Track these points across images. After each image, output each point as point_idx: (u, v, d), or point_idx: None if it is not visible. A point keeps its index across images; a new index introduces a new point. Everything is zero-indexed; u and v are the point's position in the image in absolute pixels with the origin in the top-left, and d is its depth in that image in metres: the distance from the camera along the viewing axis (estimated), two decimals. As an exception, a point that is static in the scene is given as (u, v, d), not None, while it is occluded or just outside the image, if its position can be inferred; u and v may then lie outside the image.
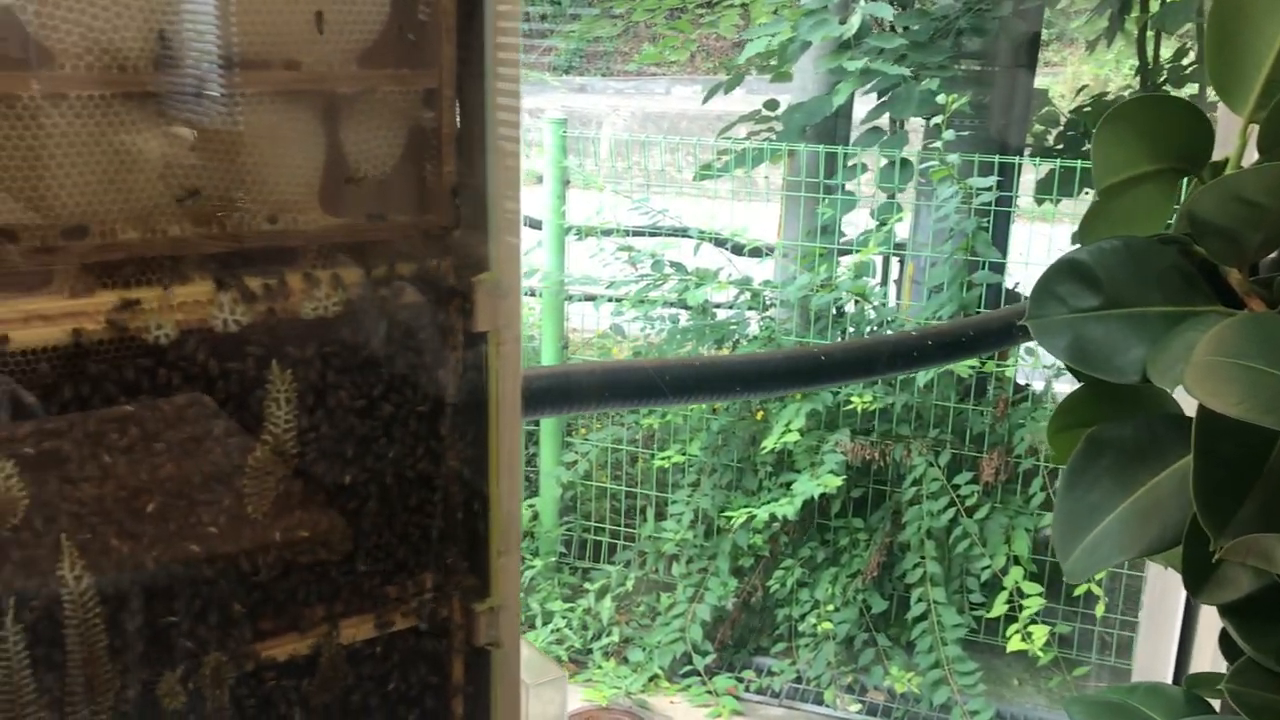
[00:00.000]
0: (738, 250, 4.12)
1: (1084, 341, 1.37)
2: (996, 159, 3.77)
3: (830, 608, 3.91)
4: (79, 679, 0.92)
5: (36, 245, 0.87)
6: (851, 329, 4.11)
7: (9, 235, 0.87)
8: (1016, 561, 3.68)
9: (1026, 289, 3.99)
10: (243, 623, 0.99)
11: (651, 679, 3.79)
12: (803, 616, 3.97)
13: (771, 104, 4.87)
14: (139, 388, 0.91)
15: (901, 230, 4.31)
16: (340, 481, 1.02)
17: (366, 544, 1.05)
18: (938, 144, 3.57)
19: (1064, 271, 1.44)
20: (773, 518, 3.64)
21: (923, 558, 3.80)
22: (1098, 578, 3.59)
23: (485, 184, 1.02)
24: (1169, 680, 1.69)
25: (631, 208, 4.15)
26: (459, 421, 1.06)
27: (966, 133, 3.81)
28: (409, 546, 1.07)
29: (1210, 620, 1.57)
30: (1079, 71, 9.02)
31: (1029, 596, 3.54)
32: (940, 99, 3.51)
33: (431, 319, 1.03)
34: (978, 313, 3.75)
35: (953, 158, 3.58)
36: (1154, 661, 1.72)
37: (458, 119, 1.02)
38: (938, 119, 3.64)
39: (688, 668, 3.83)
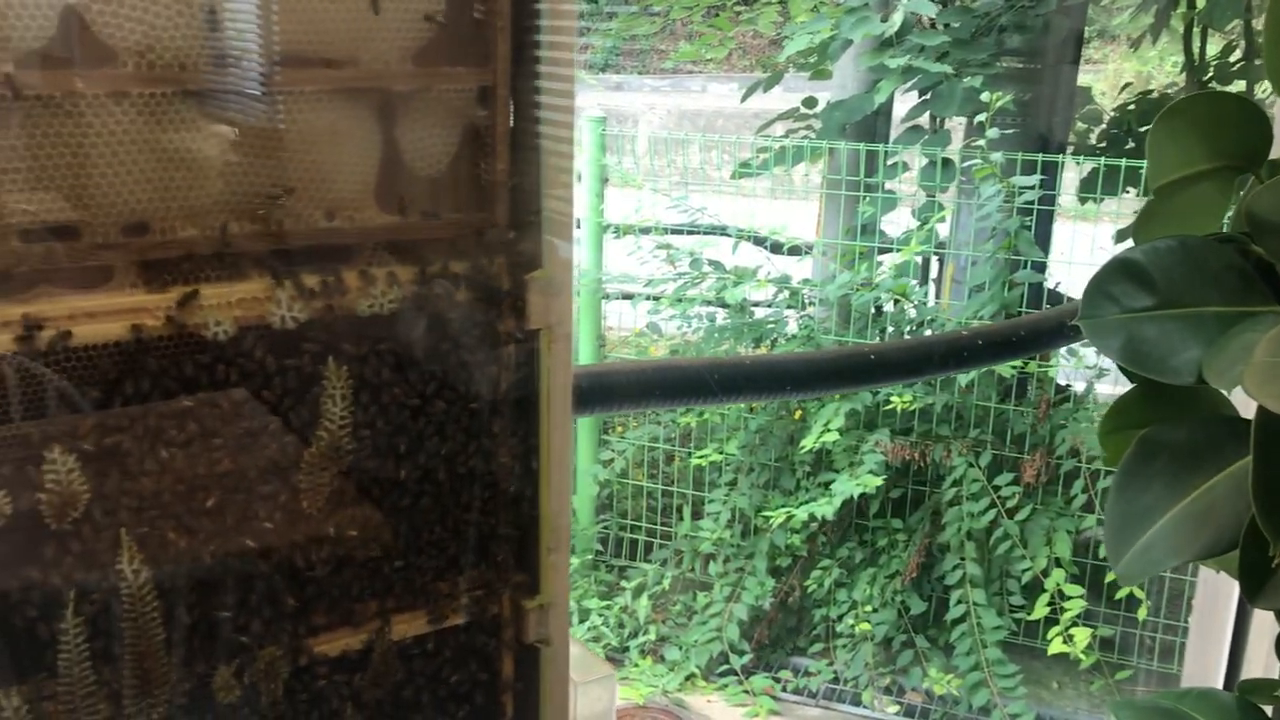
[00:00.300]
0: (776, 249, 4.11)
1: (1138, 342, 1.35)
2: (1039, 157, 3.74)
3: (868, 608, 3.89)
4: (136, 672, 0.93)
5: (98, 242, 0.88)
6: (890, 328, 4.09)
7: (71, 232, 0.88)
8: (1058, 563, 3.64)
9: (1067, 289, 3.95)
10: (296, 617, 1.00)
11: (688, 678, 3.79)
12: (840, 617, 3.94)
13: (810, 101, 4.85)
14: (197, 384, 0.92)
15: (941, 229, 4.28)
16: (393, 478, 1.02)
17: (418, 540, 1.05)
18: (981, 142, 3.53)
19: (1117, 271, 1.42)
20: (811, 518, 3.62)
21: (962, 559, 3.77)
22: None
23: (538, 182, 1.02)
24: (1219, 686, 1.67)
25: (670, 205, 4.14)
26: (510, 419, 1.07)
27: (1009, 131, 3.77)
28: (460, 543, 1.07)
29: (1264, 625, 1.54)
30: (1121, 68, 8.91)
31: (1070, 599, 3.51)
32: (984, 97, 3.48)
33: (484, 316, 1.03)
34: (1020, 313, 3.72)
35: (996, 156, 3.54)
36: (1204, 667, 1.69)
37: (511, 117, 1.02)
38: (981, 117, 3.61)
39: (724, 667, 3.82)
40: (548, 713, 1.13)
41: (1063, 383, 4.08)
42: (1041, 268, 3.92)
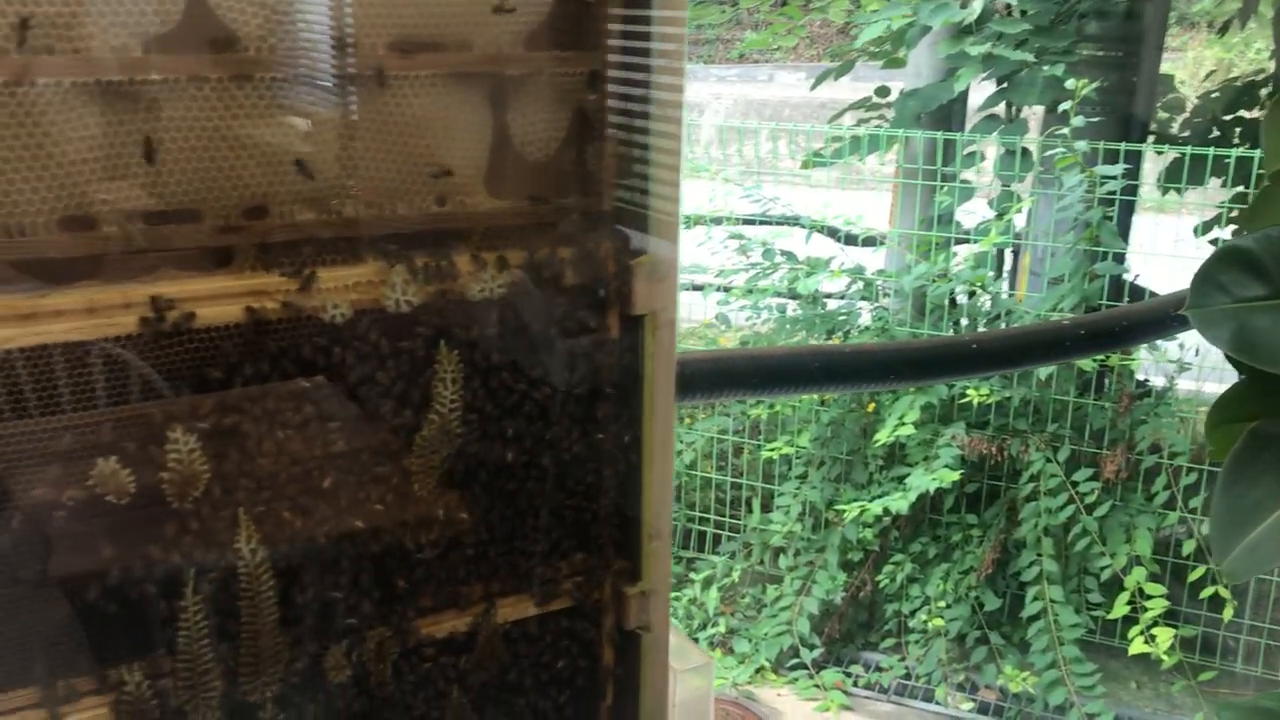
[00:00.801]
0: (851, 240, 4.07)
1: (1248, 332, 1.32)
2: (1123, 146, 3.66)
3: (941, 604, 3.84)
4: (251, 650, 0.94)
5: (220, 225, 0.90)
6: (965, 320, 4.03)
7: (193, 215, 0.89)
8: (1138, 561, 3.57)
9: (1146, 282, 3.86)
10: (405, 599, 1.01)
11: (758, 671, 3.78)
12: (913, 612, 3.90)
13: (883, 90, 4.79)
14: (314, 366, 0.92)
15: (1017, 220, 4.21)
16: (500, 462, 1.03)
17: (523, 524, 1.05)
18: (1064, 131, 3.47)
19: (1227, 260, 1.38)
20: (886, 512, 3.59)
21: (1039, 555, 3.71)
22: (1226, 580, 3.47)
23: (646, 167, 1.02)
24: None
25: (743, 195, 4.12)
26: (614, 404, 1.06)
27: (1092, 120, 3.69)
28: (563, 528, 1.07)
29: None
30: (1201, 56, 8.70)
31: (1152, 598, 3.44)
32: (1069, 84, 3.41)
33: (591, 301, 1.03)
34: (1100, 305, 3.65)
35: (1080, 145, 3.47)
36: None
37: (620, 102, 1.02)
38: (1065, 105, 3.54)
39: (794, 660, 3.80)
40: (647, 699, 1.13)
41: (1141, 378, 4.00)
42: (1121, 259, 3.84)
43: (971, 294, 4.00)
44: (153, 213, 0.87)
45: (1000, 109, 4.30)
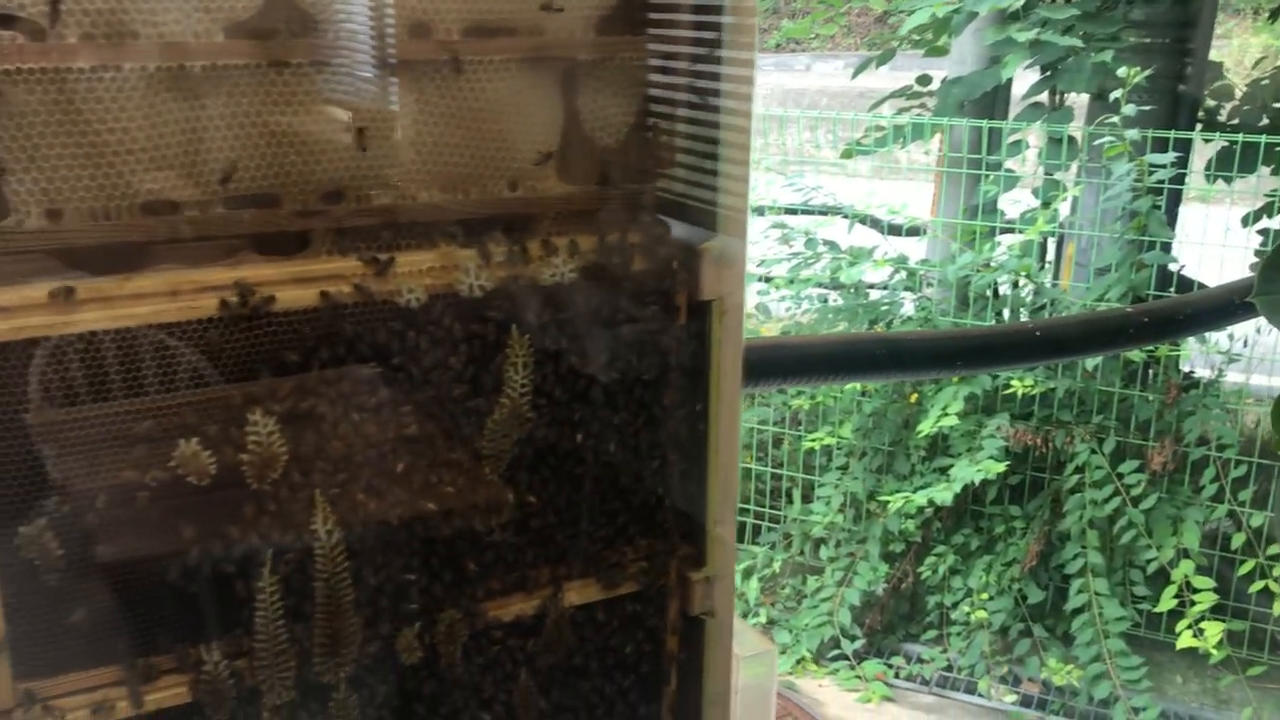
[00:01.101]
0: (894, 231, 4.04)
1: (1317, 319, 1.30)
2: (1172, 134, 3.61)
3: (984, 596, 3.82)
4: (326, 630, 0.95)
5: (297, 209, 0.90)
6: (1009, 311, 4.00)
7: (272, 200, 0.90)
8: (1186, 554, 3.53)
9: (1193, 273, 3.82)
10: (475, 581, 1.01)
11: (799, 661, 3.77)
12: (955, 604, 3.89)
13: (925, 79, 4.76)
14: (389, 350, 0.93)
15: (1060, 209, 4.17)
16: (568, 447, 1.03)
17: (590, 509, 1.06)
18: (1114, 119, 3.42)
19: (1295, 246, 1.36)
20: (930, 503, 3.57)
21: (1084, 548, 3.68)
22: (1276, 573, 3.43)
23: (715, 151, 1.02)
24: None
25: (785, 184, 4.11)
26: (681, 390, 1.07)
27: (1142, 107, 3.65)
28: (629, 513, 1.08)
29: None
30: (1246, 43, 8.57)
31: (1200, 591, 3.40)
32: (1121, 72, 3.37)
33: (659, 287, 1.03)
34: (1148, 296, 3.60)
35: (1131, 133, 3.43)
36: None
37: (690, 87, 1.02)
38: (1115, 93, 3.50)
39: (835, 652, 3.80)
40: (711, 685, 1.13)
41: (1186, 369, 3.95)
42: (1168, 249, 3.80)
43: (1016, 284, 3.96)
44: (232, 198, 0.88)
45: (1044, 97, 4.25)
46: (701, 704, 1.13)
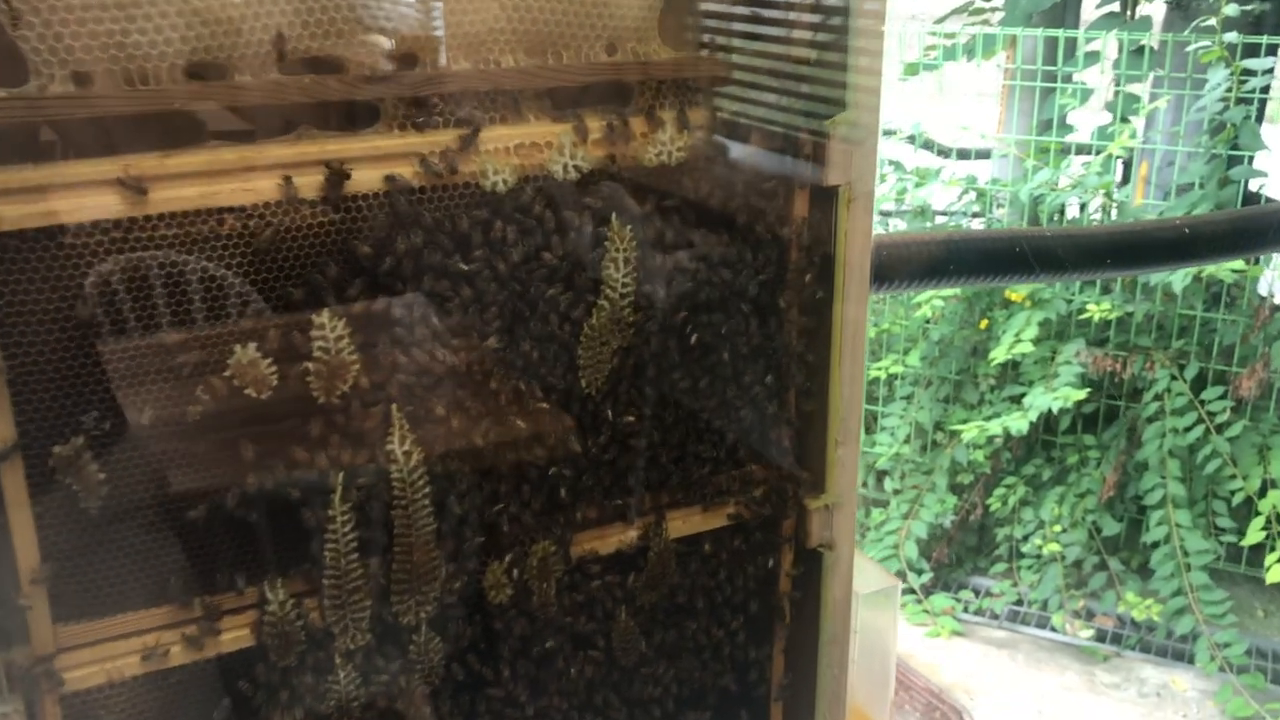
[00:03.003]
0: (963, 155, 3.85)
1: None
2: (1263, 39, 3.37)
3: (1056, 528, 3.68)
4: (404, 565, 0.83)
5: (365, 75, 0.77)
6: (1082, 232, 3.80)
7: (335, 64, 0.76)
8: (1274, 485, 3.36)
9: (1271, 194, 3.59)
10: (570, 509, 0.89)
11: (863, 595, 3.66)
12: (1025, 537, 3.75)
13: (990, -10, 4.51)
14: (471, 243, 0.80)
15: (1136, 124, 3.94)
16: (673, 356, 0.90)
17: (696, 428, 0.93)
18: (1211, 21, 3.19)
19: None
20: (1006, 432, 3.42)
21: (1164, 478, 3.52)
22: (1372, 504, 3.26)
23: (847, 8, 0.87)
24: None
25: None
26: (801, 290, 0.93)
27: (1245, 7, 3.39)
28: (741, 433, 0.95)
29: None
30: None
31: (1290, 523, 3.24)
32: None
33: (779, 169, 0.89)
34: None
35: (1231, 36, 3.20)
36: None
37: (814, -68, 0.87)
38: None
39: (902, 586, 3.68)
40: (829, 625, 1.01)
41: (1263, 293, 3.75)
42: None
43: (1083, 205, 3.76)
44: (290, 60, 0.75)
45: (1116, 4, 4.01)
46: (818, 646, 1.00)
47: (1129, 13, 4.10)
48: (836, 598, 1.00)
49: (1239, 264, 3.28)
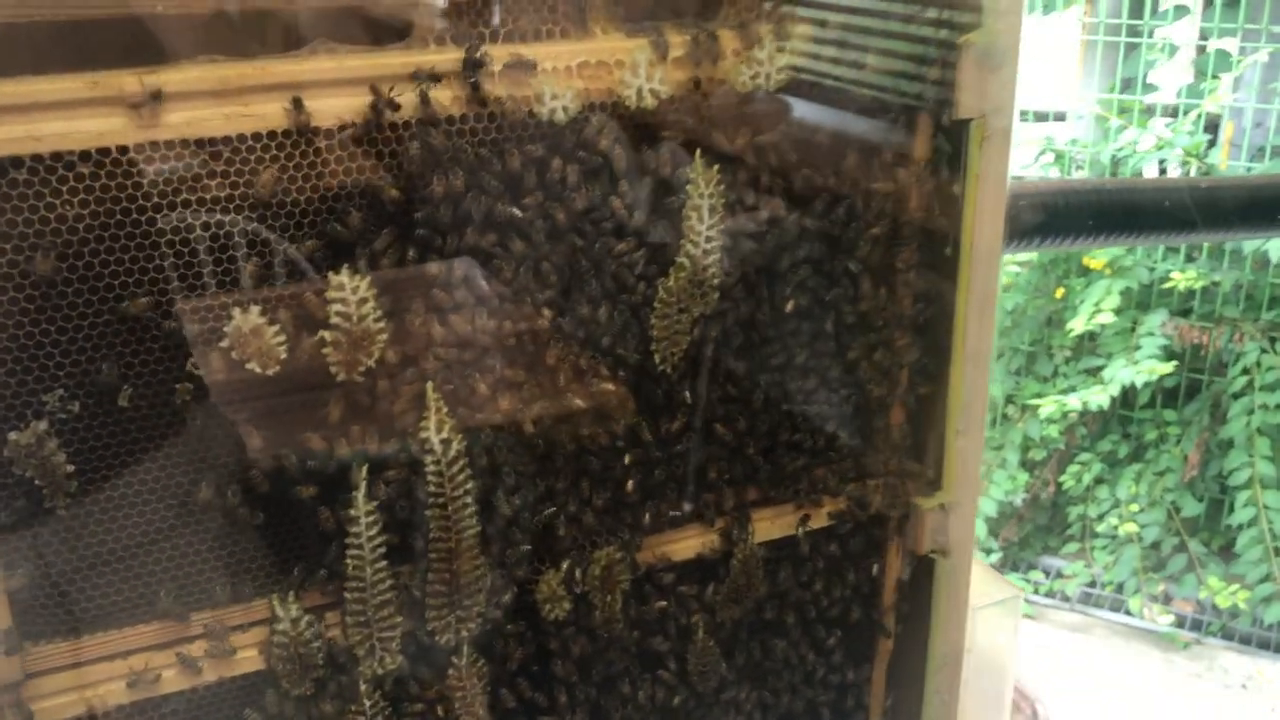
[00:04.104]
0: (1041, 117, 3.62)
1: None
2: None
3: (1133, 508, 3.49)
4: (442, 575, 0.69)
5: (393, -25, 0.62)
6: (1166, 196, 3.58)
7: (356, -38, 0.62)
8: (1373, 466, 3.16)
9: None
10: (639, 509, 0.74)
11: (927, 575, 3.51)
12: (1100, 516, 3.57)
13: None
14: (522, 185, 0.65)
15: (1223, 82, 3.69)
16: (765, 326, 0.75)
17: (790, 413, 0.78)
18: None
19: None
20: (1084, 406, 3.23)
21: (1251, 456, 3.31)
22: None
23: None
24: None
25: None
26: (917, 248, 0.77)
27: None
28: (841, 418, 0.80)
29: None
30: None
31: (1391, 507, 3.03)
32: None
33: (897, 100, 0.73)
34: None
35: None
36: None
37: None
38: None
39: (967, 565, 3.52)
40: (939, 643, 0.85)
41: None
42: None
43: (1163, 168, 3.53)
44: (298, -41, 0.60)
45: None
46: (925, 669, 0.85)
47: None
48: (949, 611, 0.85)
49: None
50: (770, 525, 0.79)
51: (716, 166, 0.68)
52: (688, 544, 0.77)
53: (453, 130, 0.62)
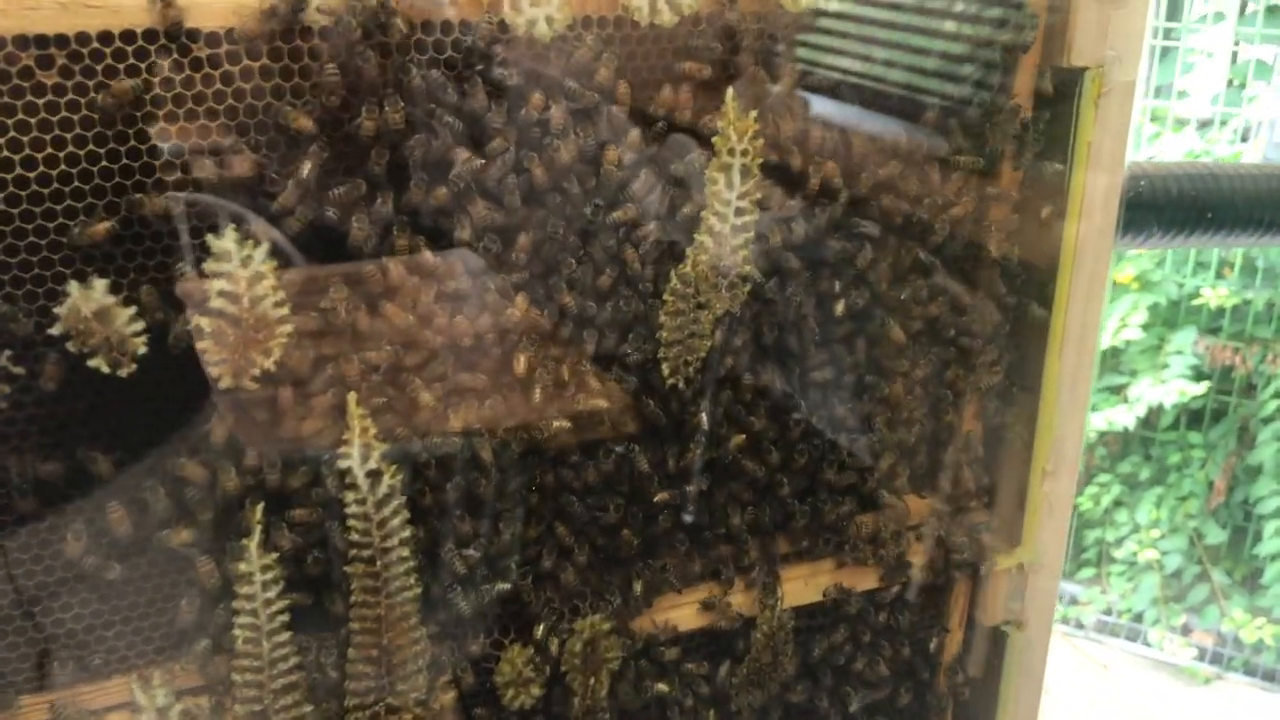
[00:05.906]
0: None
1: None
2: None
3: (1154, 534, 3.34)
4: (366, 651, 0.51)
5: None
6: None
7: None
8: None
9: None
10: (632, 565, 0.57)
11: (934, 598, 3.35)
12: (1119, 541, 3.42)
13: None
14: (488, 124, 0.47)
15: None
16: (809, 331, 0.57)
17: (835, 445, 0.60)
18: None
19: None
20: (1110, 427, 3.07)
21: (1281, 485, 3.16)
22: None
23: None
24: None
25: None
26: (1012, 231, 0.59)
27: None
28: (900, 454, 0.62)
29: None
30: None
31: None
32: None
33: (991, 39, 0.55)
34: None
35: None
36: None
37: None
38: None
39: (977, 589, 3.36)
40: (1006, 735, 0.67)
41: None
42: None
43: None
44: None
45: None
46: (989, 765, 0.68)
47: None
48: (1020, 695, 0.67)
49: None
50: (804, 587, 0.62)
51: (753, 114, 0.50)
52: (698, 611, 0.59)
53: (390, 45, 0.45)
